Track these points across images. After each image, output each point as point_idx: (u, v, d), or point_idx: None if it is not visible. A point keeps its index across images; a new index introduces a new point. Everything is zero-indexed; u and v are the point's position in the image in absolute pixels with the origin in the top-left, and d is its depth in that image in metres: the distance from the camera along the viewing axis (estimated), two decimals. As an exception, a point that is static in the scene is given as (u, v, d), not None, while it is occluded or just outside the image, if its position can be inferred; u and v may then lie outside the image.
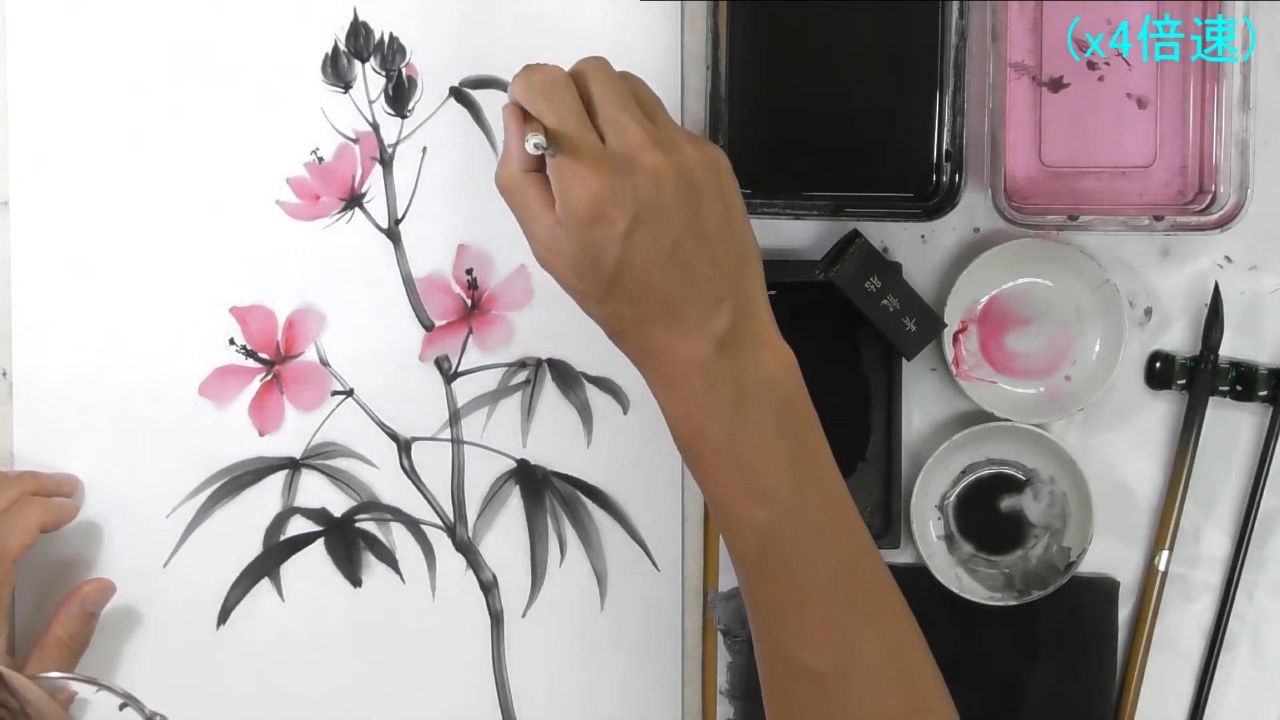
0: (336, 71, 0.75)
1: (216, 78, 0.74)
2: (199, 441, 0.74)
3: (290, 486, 0.75)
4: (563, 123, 0.58)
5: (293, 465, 0.75)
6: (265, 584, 0.75)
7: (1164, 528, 0.76)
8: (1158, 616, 0.76)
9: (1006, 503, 0.77)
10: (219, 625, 0.75)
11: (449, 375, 0.75)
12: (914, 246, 0.76)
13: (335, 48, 0.75)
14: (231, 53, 0.74)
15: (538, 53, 0.74)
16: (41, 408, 0.74)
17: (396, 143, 0.75)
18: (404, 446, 0.75)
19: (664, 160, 0.58)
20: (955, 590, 0.74)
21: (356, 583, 0.75)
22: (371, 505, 0.75)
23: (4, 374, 0.74)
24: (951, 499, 0.76)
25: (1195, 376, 0.76)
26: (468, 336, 0.75)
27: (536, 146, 0.56)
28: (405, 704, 0.76)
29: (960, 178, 0.71)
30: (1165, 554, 0.76)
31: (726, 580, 0.77)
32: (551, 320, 0.75)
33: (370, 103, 0.75)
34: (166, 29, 0.74)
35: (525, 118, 0.60)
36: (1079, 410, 0.75)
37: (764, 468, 0.59)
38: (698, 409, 0.59)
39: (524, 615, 0.76)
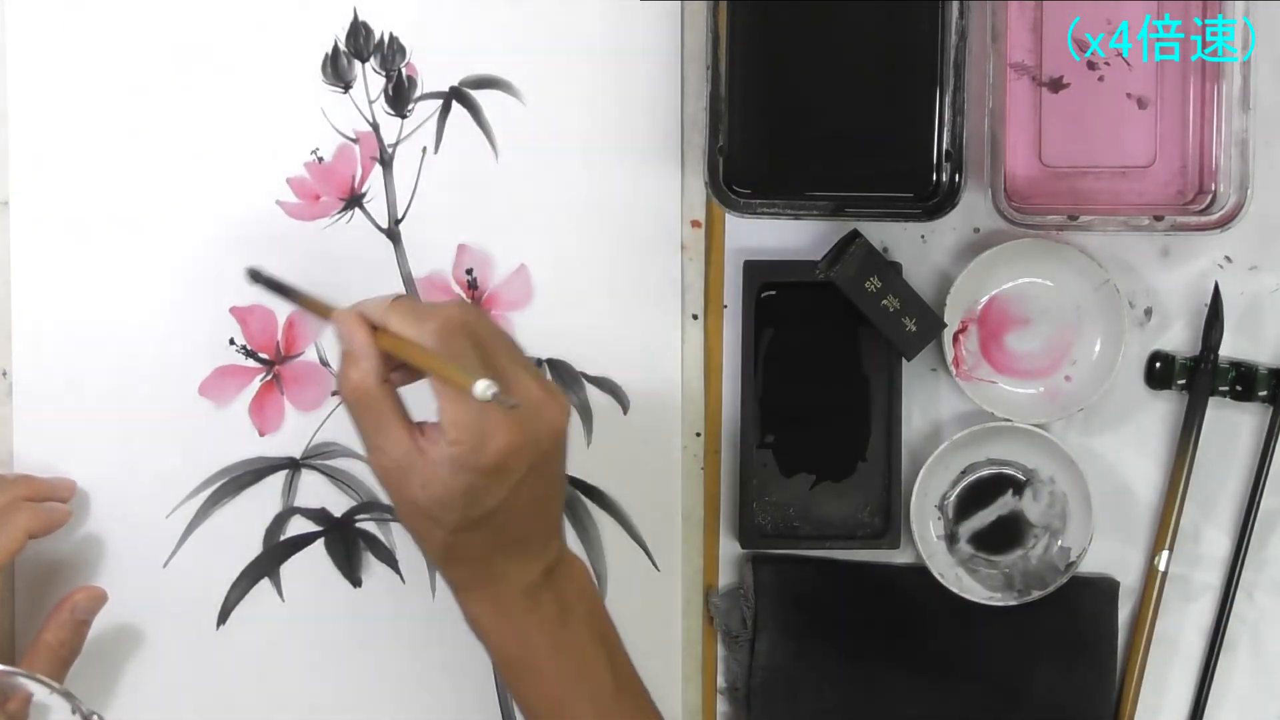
0: (336, 71, 0.75)
1: (216, 78, 0.74)
2: (199, 441, 0.74)
3: (290, 486, 0.75)
4: (465, 358, 0.57)
5: (293, 465, 0.75)
6: (265, 584, 0.75)
7: (1164, 528, 0.76)
8: (1158, 616, 0.76)
9: (1006, 503, 0.77)
10: (219, 625, 0.75)
11: (449, 375, 0.75)
12: (914, 246, 0.76)
13: (335, 48, 0.75)
14: (231, 53, 0.74)
15: (538, 52, 0.74)
16: (41, 408, 0.74)
17: (396, 143, 0.75)
18: (404, 446, 0.75)
19: (561, 418, 0.59)
20: (955, 590, 0.74)
21: (356, 583, 0.75)
22: (371, 505, 0.75)
23: (4, 374, 0.74)
24: (951, 499, 0.76)
25: (1195, 376, 0.76)
26: (468, 336, 0.75)
27: (496, 398, 0.54)
28: (405, 704, 0.76)
29: (960, 178, 0.71)
30: (1165, 554, 0.76)
31: (726, 580, 0.77)
32: (551, 320, 0.75)
33: (370, 103, 0.75)
34: (166, 29, 0.74)
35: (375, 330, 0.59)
36: (1079, 410, 0.75)
37: (588, 671, 0.63)
38: (526, 627, 0.61)
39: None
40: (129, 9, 0.74)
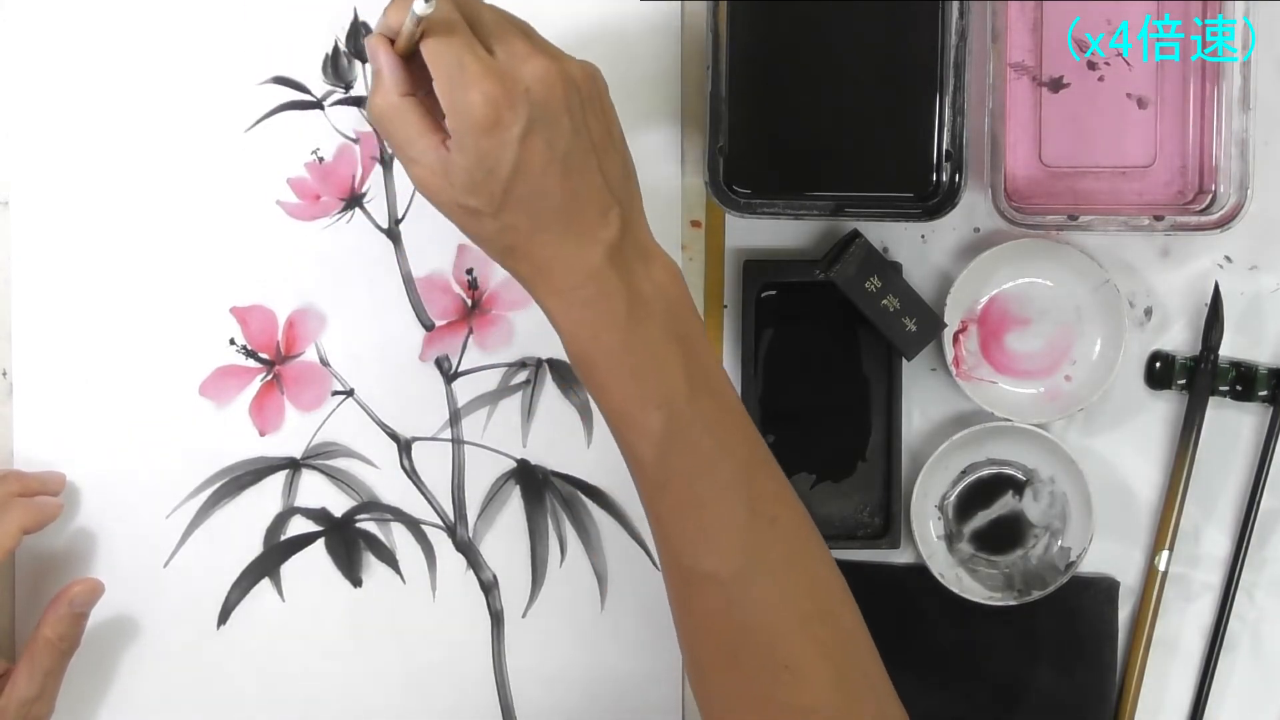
0: (336, 71, 0.75)
1: (216, 78, 0.74)
2: (199, 441, 0.74)
3: (290, 486, 0.75)
4: (449, 31, 0.58)
5: (293, 465, 0.75)
6: (265, 584, 0.75)
7: (1164, 528, 0.76)
8: (1158, 616, 0.76)
9: (1006, 502, 0.77)
10: (219, 625, 0.75)
11: (449, 375, 0.75)
12: (914, 246, 0.76)
13: (335, 48, 0.75)
14: (231, 53, 0.74)
15: (538, 53, 0.74)
16: (41, 408, 0.74)
17: (396, 143, 0.75)
18: (404, 446, 0.75)
19: (550, 65, 0.58)
20: (955, 590, 0.74)
21: (356, 583, 0.75)
22: (372, 505, 0.75)
23: (4, 374, 0.74)
24: (951, 499, 0.76)
25: (1195, 376, 0.76)
26: (468, 336, 0.75)
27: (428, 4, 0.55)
28: (405, 704, 0.76)
29: (960, 178, 0.71)
30: (1165, 554, 0.76)
31: (726, 580, 0.77)
32: (551, 320, 0.75)
33: (370, 103, 0.75)
34: (166, 29, 0.74)
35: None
36: (1079, 410, 0.75)
37: (659, 373, 0.60)
38: (592, 318, 0.59)
39: (524, 615, 0.76)
40: (128, 9, 0.74)
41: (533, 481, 0.75)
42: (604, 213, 0.60)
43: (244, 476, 0.75)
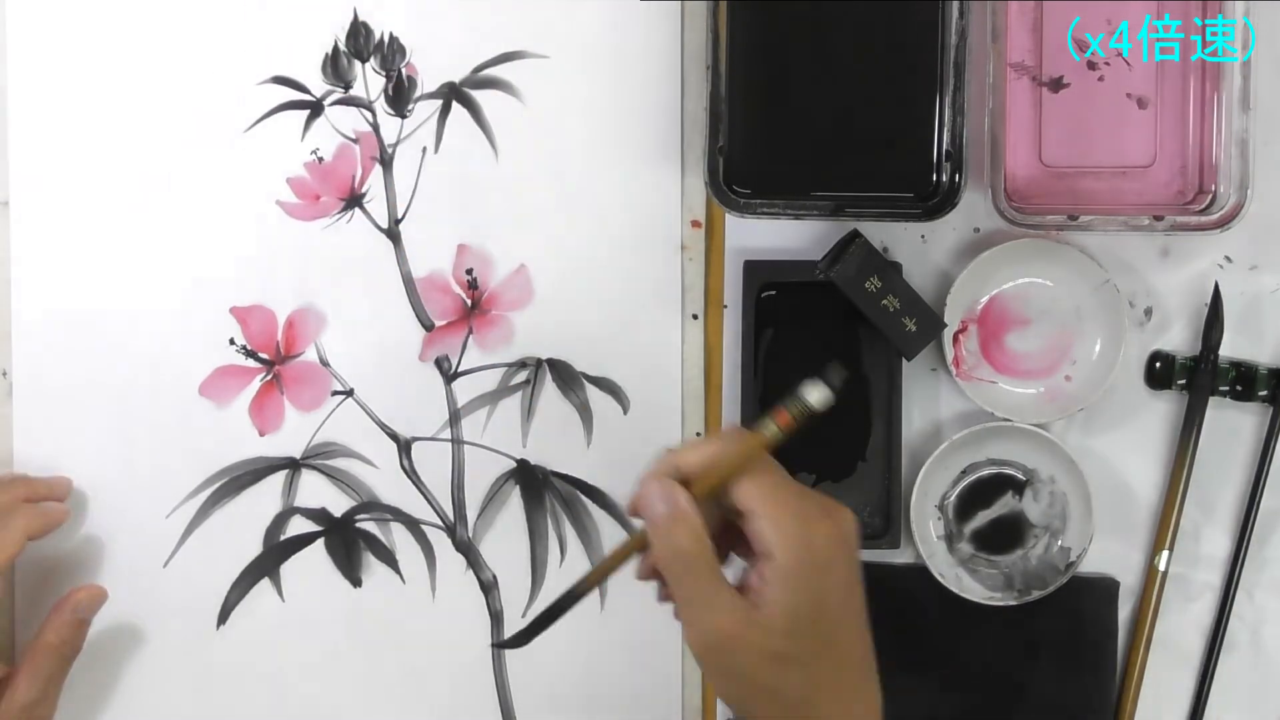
0: (336, 71, 0.75)
1: (216, 78, 0.74)
2: (199, 441, 0.74)
3: (290, 486, 0.75)
4: (772, 465, 0.57)
5: (293, 465, 0.75)
6: (265, 584, 0.75)
7: (1164, 528, 0.76)
8: (1158, 616, 0.76)
9: (1006, 503, 0.77)
10: (219, 625, 0.75)
11: (449, 375, 0.75)
12: (914, 246, 0.76)
13: (335, 48, 0.75)
14: (231, 53, 0.74)
15: (538, 52, 0.74)
16: (41, 408, 0.74)
17: (396, 143, 0.75)
18: (404, 446, 0.75)
19: (849, 514, 0.57)
20: (955, 590, 0.74)
21: (356, 583, 0.75)
22: (371, 505, 0.75)
23: (4, 374, 0.74)
24: (951, 499, 0.76)
25: (1195, 376, 0.76)
26: (468, 336, 0.75)
27: (831, 386, 0.55)
28: (405, 704, 0.76)
29: (960, 178, 0.71)
30: (1165, 554, 0.76)
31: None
32: (551, 320, 0.75)
33: (370, 103, 0.75)
34: (166, 29, 0.74)
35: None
36: (1079, 410, 0.75)
37: None
38: None
39: (524, 615, 0.76)
40: (129, 9, 0.74)
41: (532, 481, 0.75)
42: (873, 677, 0.58)
43: (244, 476, 0.75)
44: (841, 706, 0.57)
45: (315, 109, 0.75)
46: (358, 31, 0.75)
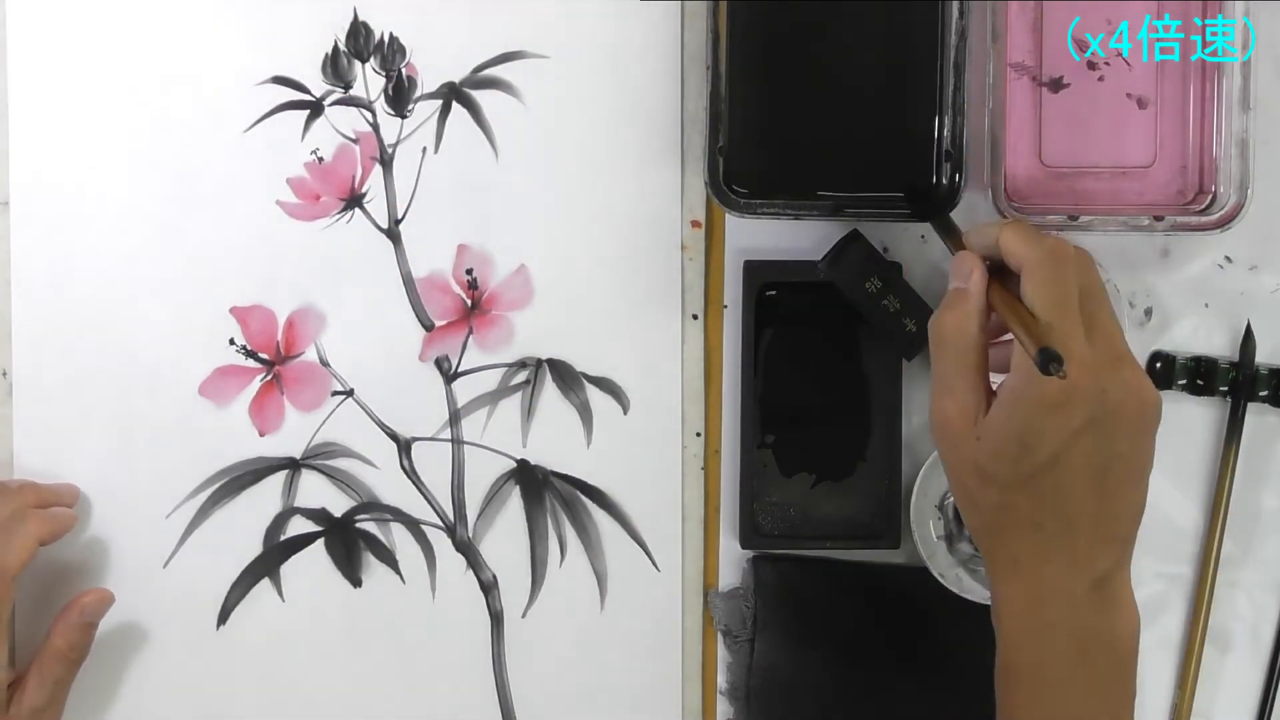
0: (336, 71, 0.75)
1: (216, 77, 0.74)
2: (199, 441, 0.74)
3: (290, 486, 0.75)
4: (1063, 309, 0.56)
5: (293, 465, 0.75)
6: (265, 584, 0.75)
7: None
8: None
9: (1006, 503, 0.77)
10: (219, 625, 0.75)
11: (449, 375, 0.75)
12: (914, 246, 0.76)
13: (335, 48, 0.75)
14: (231, 53, 0.74)
15: (537, 52, 0.74)
16: (41, 408, 0.74)
17: (396, 143, 0.75)
18: (404, 446, 0.75)
19: (1137, 382, 0.56)
20: (955, 590, 0.74)
21: (356, 583, 0.75)
22: (371, 505, 0.75)
23: (4, 374, 0.74)
24: (951, 499, 0.76)
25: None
26: (468, 336, 0.75)
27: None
28: (405, 704, 0.76)
29: (960, 178, 0.71)
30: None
31: (727, 580, 0.77)
32: (551, 320, 0.75)
33: (370, 103, 0.75)
34: (166, 29, 0.74)
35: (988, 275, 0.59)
36: (1079, 410, 0.75)
37: None
38: (1046, 645, 0.57)
39: (524, 615, 0.76)
40: (129, 9, 0.74)
41: (532, 482, 0.75)
42: (1107, 542, 0.57)
43: (244, 477, 0.75)
44: (1035, 551, 0.57)
45: (315, 109, 0.75)
46: (358, 31, 0.75)
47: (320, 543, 0.75)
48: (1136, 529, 0.58)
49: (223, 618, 0.75)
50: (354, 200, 0.75)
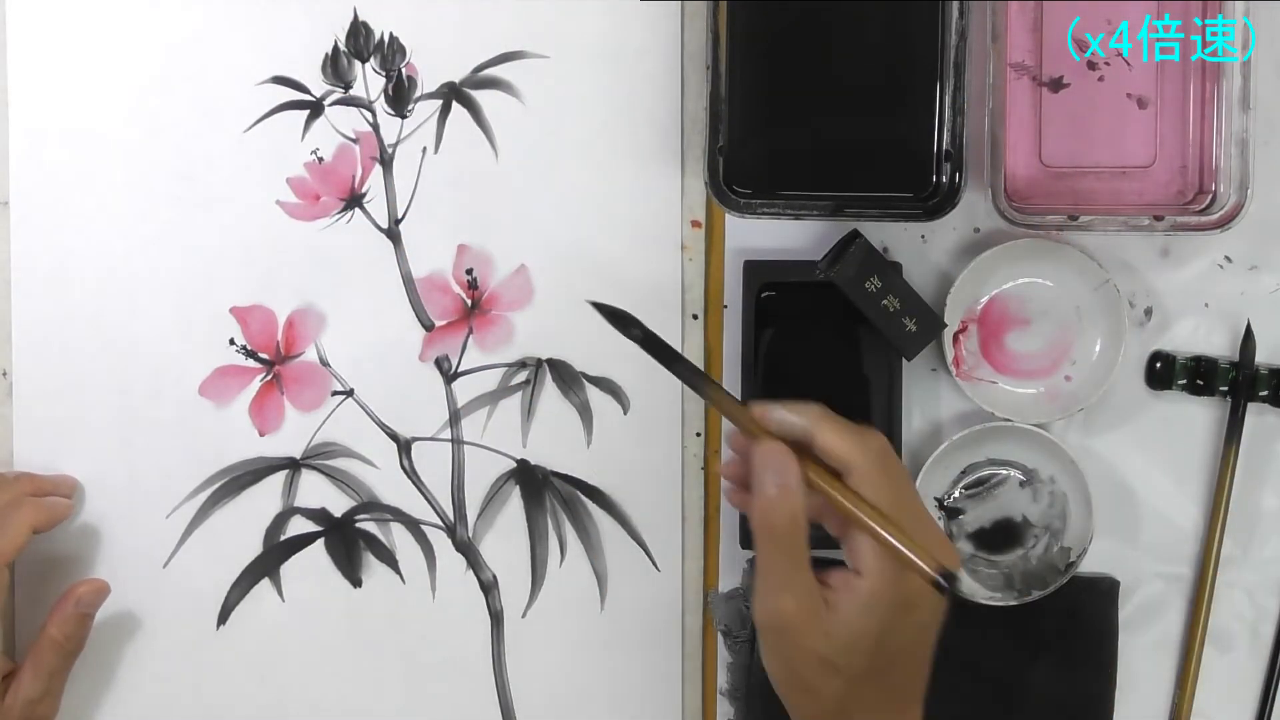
0: (336, 71, 0.75)
1: (217, 77, 0.74)
2: (199, 441, 0.74)
3: (290, 486, 0.75)
4: (914, 515, 0.57)
5: (293, 465, 0.75)
6: (265, 584, 0.75)
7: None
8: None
9: (1006, 503, 0.77)
10: (219, 625, 0.75)
11: (449, 375, 0.75)
12: (914, 246, 0.76)
13: (335, 48, 0.75)
14: (231, 53, 0.74)
15: (538, 52, 0.74)
16: (41, 408, 0.74)
17: (396, 143, 0.75)
18: (404, 446, 0.75)
19: (954, 563, 0.57)
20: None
21: (356, 583, 0.75)
22: (371, 505, 0.75)
23: (4, 374, 0.74)
24: (951, 499, 0.76)
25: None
26: (468, 336, 0.75)
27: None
28: (405, 704, 0.76)
29: (960, 178, 0.71)
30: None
31: (727, 580, 0.77)
32: (551, 320, 0.75)
33: (370, 103, 0.75)
34: (166, 29, 0.74)
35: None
36: (1079, 410, 0.75)
37: None
38: None
39: (524, 615, 0.76)
40: (129, 10, 0.74)
41: (532, 482, 0.75)
42: (918, 702, 0.60)
43: (244, 476, 0.75)
44: None
45: (315, 109, 0.75)
46: (358, 31, 0.75)
47: (320, 543, 0.75)
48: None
49: (223, 618, 0.75)
50: (354, 200, 0.75)
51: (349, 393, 0.75)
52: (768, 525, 0.57)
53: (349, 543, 0.75)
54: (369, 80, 0.75)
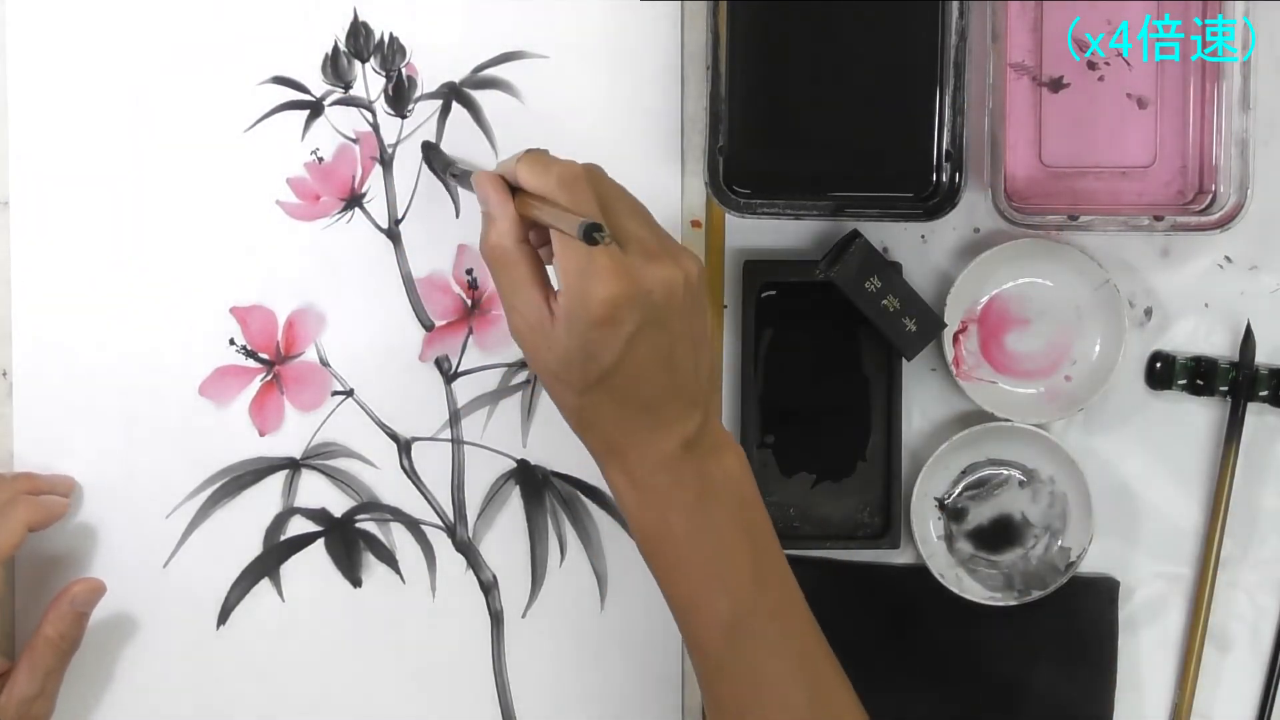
0: (336, 71, 0.75)
1: (217, 78, 0.74)
2: (199, 441, 0.74)
3: (290, 486, 0.75)
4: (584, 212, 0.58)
5: (293, 465, 0.75)
6: (265, 584, 0.75)
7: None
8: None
9: (1006, 503, 0.77)
10: (219, 625, 0.75)
11: (449, 375, 0.75)
12: (914, 246, 0.76)
13: (335, 48, 0.75)
14: (231, 53, 0.74)
15: (538, 52, 0.74)
16: (41, 408, 0.74)
17: (396, 143, 0.75)
18: (404, 446, 0.75)
19: (674, 270, 0.59)
20: (955, 590, 0.74)
21: (356, 583, 0.75)
22: (371, 505, 0.75)
23: (4, 374, 0.74)
24: (951, 499, 0.76)
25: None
26: (468, 336, 0.75)
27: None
28: (405, 704, 0.76)
29: (960, 178, 0.71)
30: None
31: (726, 580, 0.77)
32: (551, 320, 0.75)
33: (370, 103, 0.75)
34: (166, 29, 0.74)
35: (515, 192, 0.61)
36: (1079, 410, 0.75)
37: (727, 561, 0.61)
38: (663, 503, 0.61)
39: (524, 615, 0.76)
40: (128, 9, 0.74)
41: (532, 481, 0.75)
42: (690, 407, 0.61)
43: (244, 476, 0.75)
44: (623, 434, 0.60)
45: (315, 109, 0.75)
46: (358, 31, 0.75)
47: (320, 543, 0.75)
48: (715, 386, 0.62)
49: (223, 618, 0.75)
50: (354, 200, 0.75)
51: (349, 393, 0.75)
52: (483, 253, 0.61)
53: (349, 543, 0.75)
54: (369, 80, 0.75)
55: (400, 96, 0.75)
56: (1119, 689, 0.77)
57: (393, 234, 0.75)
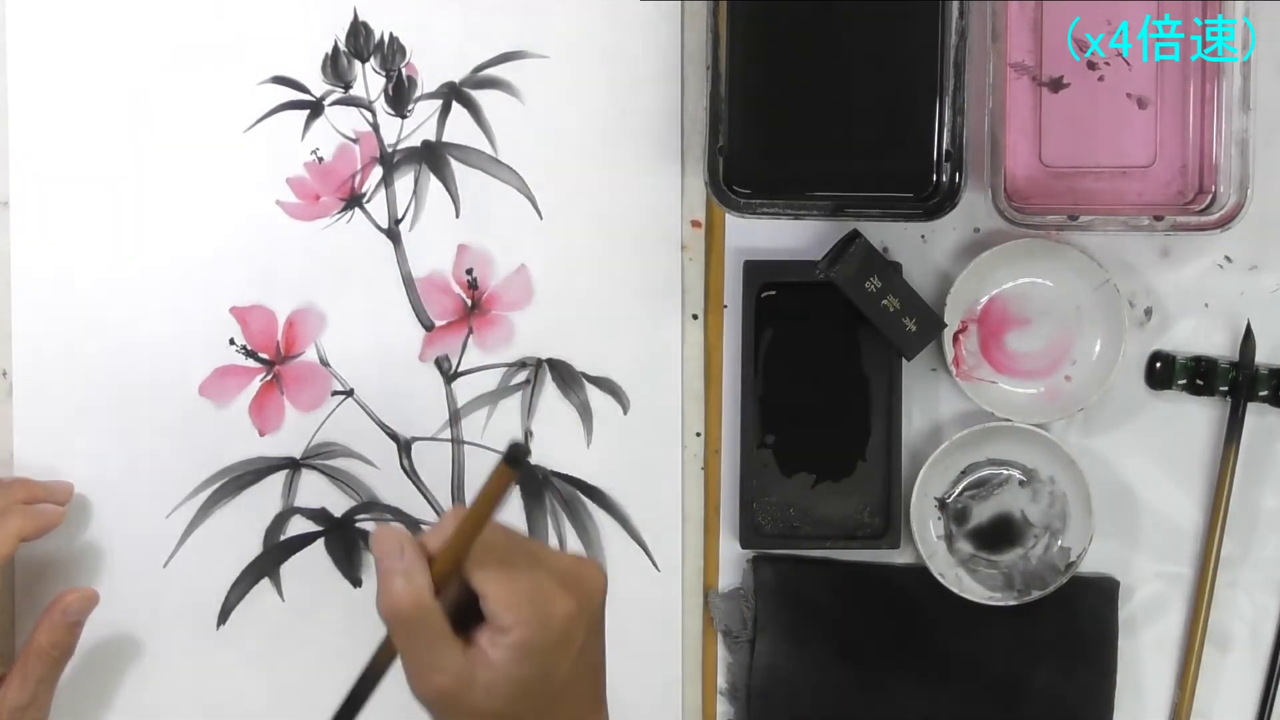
0: (336, 71, 0.75)
1: (217, 77, 0.74)
2: (199, 441, 0.74)
3: (290, 486, 0.75)
4: (509, 543, 0.57)
5: (293, 465, 0.75)
6: (265, 584, 0.75)
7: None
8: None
9: (1006, 502, 0.77)
10: (219, 625, 0.75)
11: (449, 375, 0.75)
12: (914, 246, 0.76)
13: (335, 48, 0.75)
14: (231, 53, 0.74)
15: (538, 52, 0.74)
16: (41, 408, 0.74)
17: (396, 143, 0.75)
18: (404, 446, 0.75)
19: (597, 575, 0.58)
20: (955, 590, 0.74)
21: (356, 582, 0.75)
22: (371, 505, 0.75)
23: (4, 374, 0.74)
24: (951, 499, 0.76)
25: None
26: (468, 336, 0.75)
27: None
28: (405, 704, 0.75)
29: (960, 178, 0.71)
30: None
31: (727, 580, 0.77)
32: (551, 320, 0.75)
33: (370, 103, 0.75)
34: (166, 29, 0.74)
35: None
36: (1079, 410, 0.75)
37: None
38: None
39: (524, 615, 0.75)
40: (129, 9, 0.74)
41: (532, 481, 0.75)
42: (598, 707, 0.60)
43: (244, 476, 0.75)
44: None
45: (315, 109, 0.75)
46: (358, 31, 0.75)
47: (320, 543, 0.75)
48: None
49: (223, 618, 0.75)
50: (354, 200, 0.75)
51: (349, 393, 0.75)
52: (393, 612, 0.56)
53: (349, 543, 0.75)
54: (369, 80, 0.75)
55: (400, 96, 0.75)
56: (1119, 689, 0.77)
57: (393, 234, 0.75)
